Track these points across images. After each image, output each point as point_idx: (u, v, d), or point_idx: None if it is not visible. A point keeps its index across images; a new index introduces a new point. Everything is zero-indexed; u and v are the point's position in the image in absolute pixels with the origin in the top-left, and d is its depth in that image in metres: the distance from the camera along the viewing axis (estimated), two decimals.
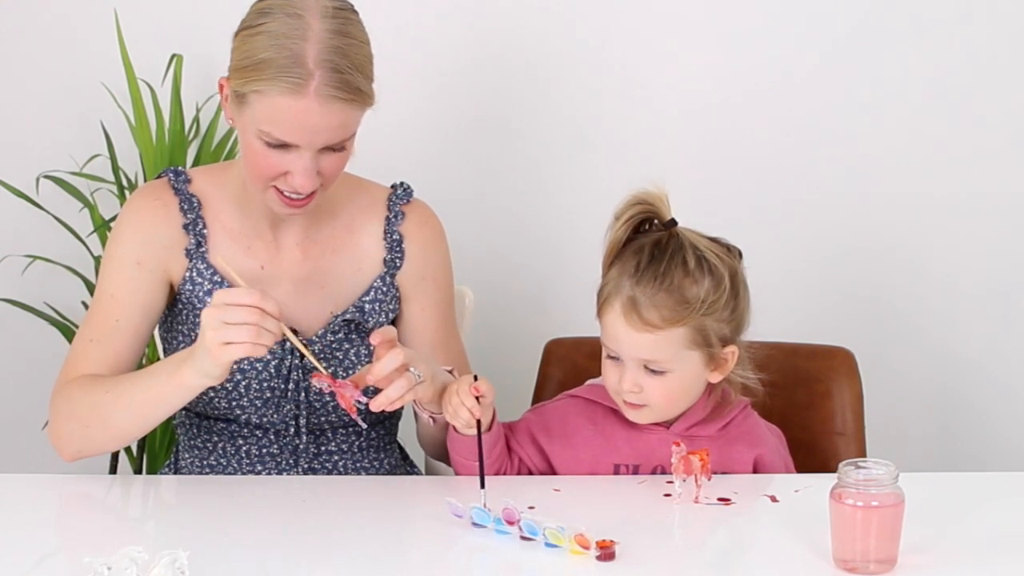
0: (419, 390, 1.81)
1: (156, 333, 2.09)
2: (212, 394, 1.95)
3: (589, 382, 2.04)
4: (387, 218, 2.02)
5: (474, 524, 1.69)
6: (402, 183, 2.06)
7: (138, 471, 2.63)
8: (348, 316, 1.97)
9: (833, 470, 1.63)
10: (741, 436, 1.96)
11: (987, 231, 2.74)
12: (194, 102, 2.66)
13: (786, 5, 2.68)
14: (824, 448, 2.15)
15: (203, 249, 1.96)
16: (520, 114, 2.72)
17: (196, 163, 2.62)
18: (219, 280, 1.95)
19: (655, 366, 1.85)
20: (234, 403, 1.96)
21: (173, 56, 2.60)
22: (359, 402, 1.78)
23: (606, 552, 1.61)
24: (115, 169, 2.62)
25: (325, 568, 1.61)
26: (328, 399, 1.96)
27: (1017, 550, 1.67)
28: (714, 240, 1.91)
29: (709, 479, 1.83)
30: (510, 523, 1.66)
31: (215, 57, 2.69)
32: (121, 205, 2.59)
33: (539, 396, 2.24)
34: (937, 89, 2.70)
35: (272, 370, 1.94)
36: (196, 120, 2.66)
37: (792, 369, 2.19)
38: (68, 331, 2.64)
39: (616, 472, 1.93)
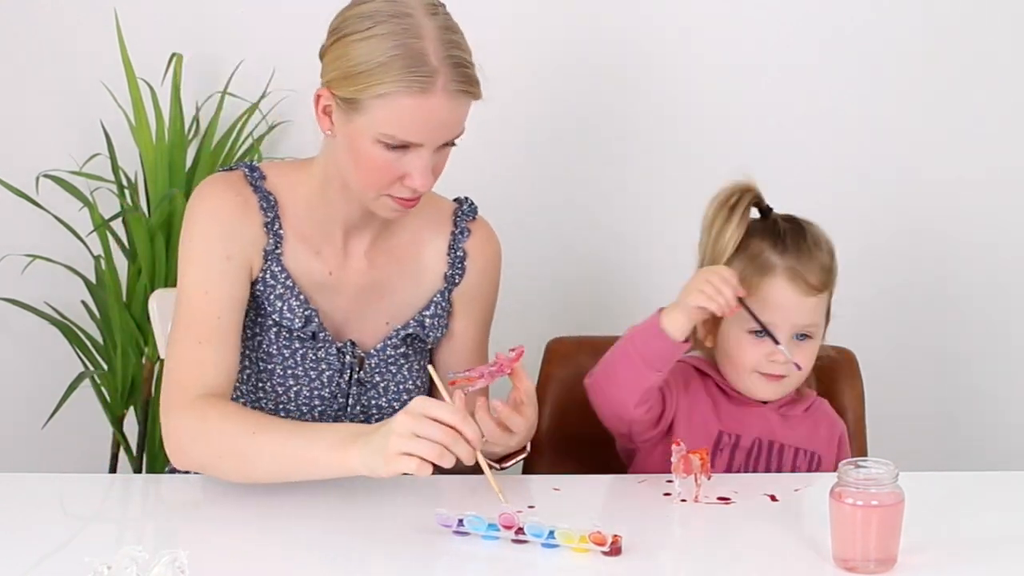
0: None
1: (155, 328, 2.09)
2: (261, 395, 1.93)
3: (685, 359, 2.03)
4: (453, 233, 2.00)
5: (456, 533, 1.67)
6: (467, 199, 2.04)
7: (138, 471, 2.63)
8: (410, 331, 1.95)
9: (833, 469, 1.63)
10: (822, 418, 2.07)
11: (987, 230, 2.75)
12: (194, 101, 2.66)
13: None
14: None
15: (279, 251, 1.91)
16: (521, 113, 2.72)
17: (196, 163, 2.62)
18: (291, 284, 1.90)
19: (809, 331, 1.98)
20: (281, 407, 1.93)
21: (173, 55, 2.60)
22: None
23: (615, 547, 1.62)
24: (115, 168, 2.62)
25: (323, 568, 1.61)
26: (376, 413, 1.95)
27: (1017, 550, 1.67)
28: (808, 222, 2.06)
29: (709, 478, 1.83)
30: (507, 527, 1.65)
31: (215, 56, 2.70)
32: (121, 205, 2.59)
33: (540, 396, 2.23)
34: (936, 89, 2.70)
35: (325, 379, 1.92)
36: (196, 119, 2.66)
37: None
38: (68, 330, 2.64)
39: (718, 441, 1.99)
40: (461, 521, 1.67)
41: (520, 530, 1.65)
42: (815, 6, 2.70)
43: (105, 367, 2.64)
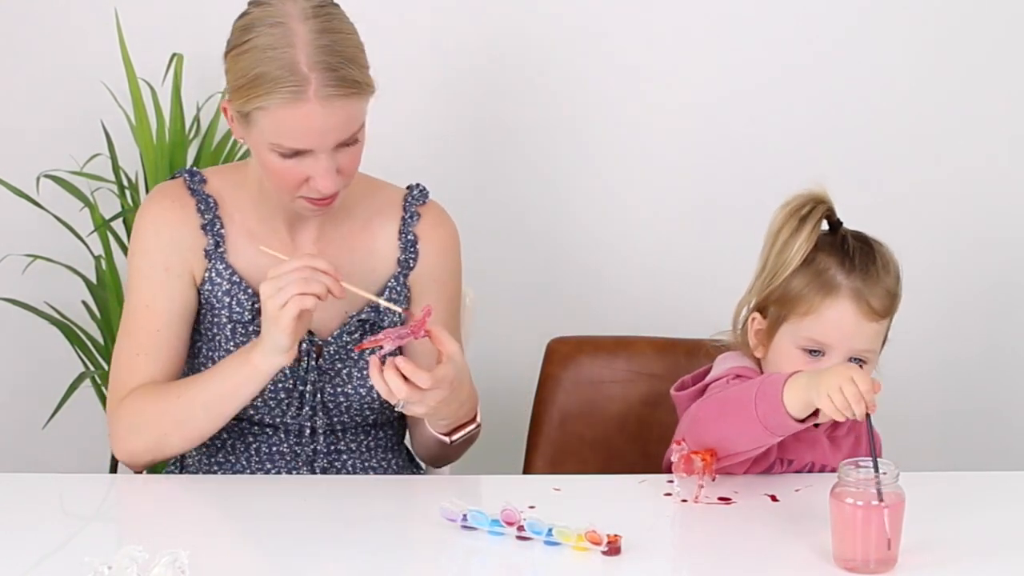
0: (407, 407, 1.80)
1: None
2: None
3: (723, 371, 1.96)
4: (403, 218, 2.02)
5: (463, 527, 1.69)
6: (418, 184, 2.06)
7: (138, 471, 2.63)
8: (363, 316, 1.98)
9: (833, 470, 1.63)
10: (863, 437, 1.94)
11: (988, 230, 2.74)
12: (194, 101, 2.66)
13: (777, 4, 2.68)
14: None
15: (221, 249, 1.96)
16: (523, 114, 2.72)
17: (197, 162, 2.62)
18: (238, 280, 1.95)
19: (865, 356, 1.90)
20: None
21: (173, 55, 2.59)
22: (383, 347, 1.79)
23: (613, 547, 1.61)
24: (115, 168, 2.62)
25: (325, 568, 1.61)
26: (343, 400, 1.97)
27: (1018, 549, 1.67)
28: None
29: (713, 479, 1.83)
30: (509, 524, 1.66)
31: (215, 56, 2.68)
32: (122, 205, 2.60)
33: (541, 396, 2.24)
34: (935, 89, 2.70)
35: (287, 371, 1.94)
36: (196, 119, 2.66)
37: None
38: (68, 331, 2.64)
39: (770, 468, 1.90)
40: (465, 516, 1.68)
41: (522, 527, 1.65)
42: (816, 6, 2.70)
43: (106, 367, 2.64)
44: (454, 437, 1.92)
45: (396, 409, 1.80)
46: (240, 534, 1.71)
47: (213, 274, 1.95)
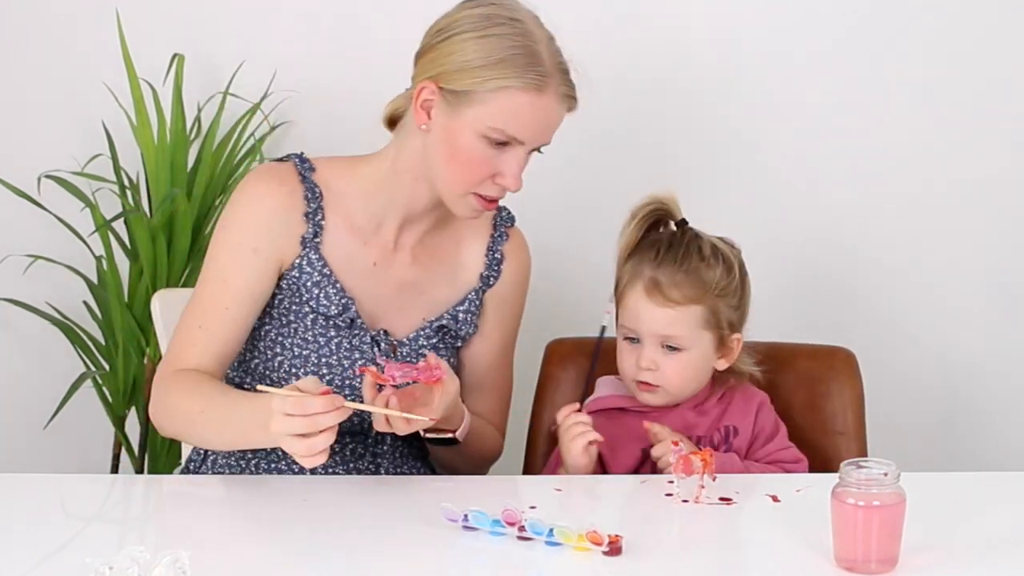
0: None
1: (157, 329, 2.09)
2: (294, 382, 1.94)
3: (589, 400, 2.08)
4: (492, 236, 2.07)
5: (465, 528, 1.69)
6: (505, 207, 2.09)
7: (140, 471, 2.63)
8: (443, 322, 2.00)
9: (834, 470, 1.63)
10: (737, 394, 2.10)
11: (988, 230, 2.74)
12: (195, 102, 2.66)
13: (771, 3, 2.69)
14: (825, 448, 2.16)
15: (318, 240, 1.96)
16: None
17: (198, 163, 2.62)
18: (328, 273, 1.95)
19: (673, 342, 2.01)
20: None
21: (174, 56, 2.60)
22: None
23: (614, 547, 1.62)
24: (116, 169, 2.63)
25: (326, 568, 1.61)
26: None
27: (1018, 550, 1.67)
28: (720, 238, 2.09)
29: (714, 479, 1.83)
30: (510, 524, 1.66)
31: (216, 57, 2.70)
32: (123, 205, 2.60)
33: (541, 396, 2.24)
34: (937, 88, 2.70)
35: (359, 367, 1.95)
36: (197, 120, 2.66)
37: (793, 369, 2.20)
38: (69, 331, 2.64)
39: (642, 455, 2.01)
40: (466, 516, 1.68)
41: (523, 527, 1.65)
42: (827, 3, 2.70)
43: (107, 367, 2.64)
44: (429, 435, 1.94)
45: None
46: (241, 534, 1.71)
47: (304, 263, 1.95)
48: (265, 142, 2.66)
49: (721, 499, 1.81)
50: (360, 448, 2.00)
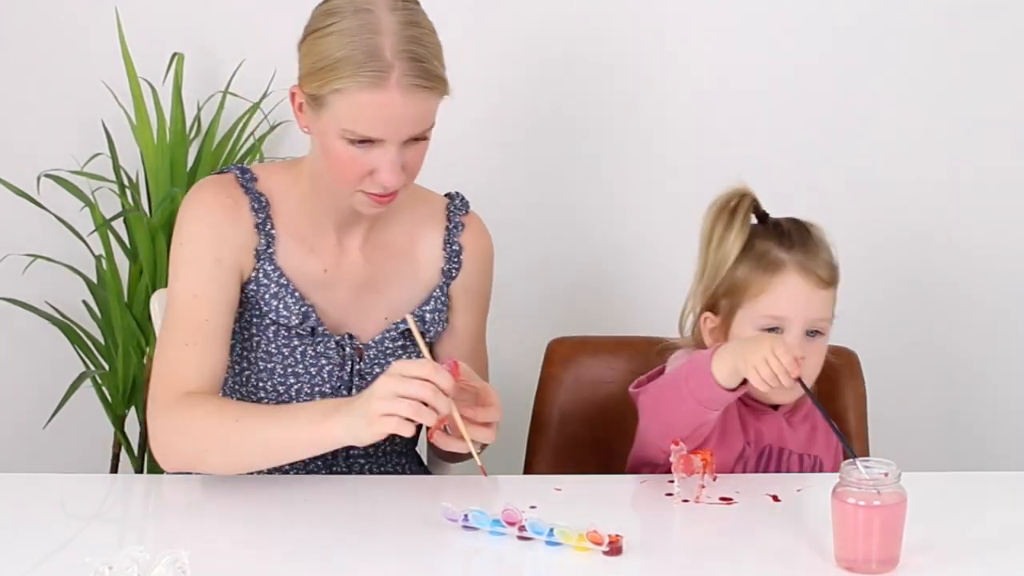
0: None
1: (156, 328, 2.09)
2: (263, 395, 1.95)
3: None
4: (447, 228, 2.02)
5: (465, 527, 1.69)
6: (458, 194, 2.05)
7: (139, 471, 2.63)
8: (408, 325, 1.94)
9: (835, 470, 1.63)
10: (820, 423, 2.03)
11: (988, 229, 2.75)
12: (195, 101, 2.66)
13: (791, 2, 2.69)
14: None
15: (271, 251, 1.93)
16: (524, 114, 2.72)
17: (197, 162, 2.62)
18: (285, 283, 1.92)
19: (820, 326, 1.97)
20: (282, 404, 1.94)
21: (174, 55, 2.60)
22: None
23: (614, 547, 1.61)
24: (116, 168, 2.62)
25: (326, 568, 1.61)
26: None
27: (1019, 549, 1.67)
28: None
29: (715, 479, 1.83)
30: (510, 524, 1.66)
31: (216, 56, 2.70)
32: (122, 204, 2.60)
33: (541, 396, 2.24)
34: (942, 89, 2.70)
35: (326, 374, 1.94)
36: (197, 119, 2.66)
37: None
38: (69, 330, 2.64)
39: (742, 453, 1.97)
40: (466, 516, 1.68)
41: (523, 527, 1.65)
42: (812, 8, 2.70)
43: (106, 367, 2.64)
44: (461, 457, 1.93)
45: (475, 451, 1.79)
46: (241, 534, 1.71)
47: (261, 275, 1.92)
48: (265, 141, 2.66)
49: (721, 499, 1.81)
50: (341, 451, 1.98)
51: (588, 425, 2.23)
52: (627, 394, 2.15)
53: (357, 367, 1.95)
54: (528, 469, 2.22)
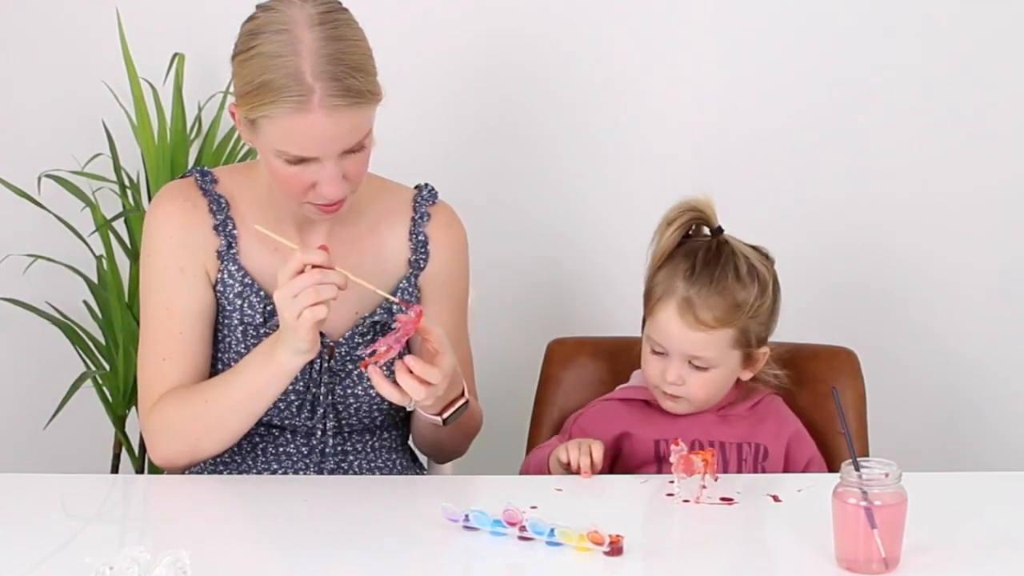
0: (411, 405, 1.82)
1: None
2: None
3: (620, 387, 2.12)
4: (413, 219, 2.02)
5: (466, 527, 1.69)
6: (427, 184, 2.06)
7: (140, 471, 2.63)
8: (376, 318, 1.97)
9: (836, 470, 1.63)
10: (771, 415, 2.08)
11: (989, 229, 2.74)
12: (196, 101, 2.66)
13: (787, 6, 2.68)
14: (827, 448, 2.15)
15: (234, 251, 1.95)
16: (525, 115, 2.72)
17: (198, 162, 2.62)
18: (250, 282, 1.94)
19: (700, 363, 1.99)
20: None
21: (175, 55, 2.59)
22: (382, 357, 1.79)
23: (615, 547, 1.61)
24: (117, 168, 2.62)
25: (327, 568, 1.61)
26: (352, 401, 1.96)
27: (1018, 549, 1.67)
28: (755, 248, 2.05)
29: (716, 479, 1.83)
30: (511, 524, 1.66)
31: (217, 56, 2.68)
32: (123, 205, 2.59)
33: (541, 396, 2.24)
34: (938, 86, 2.70)
35: (306, 378, 1.94)
36: (198, 119, 2.66)
37: (795, 369, 2.19)
38: (69, 330, 2.64)
39: (656, 448, 2.01)
40: (467, 516, 1.68)
41: (524, 527, 1.65)
42: (798, 10, 2.70)
43: (107, 367, 2.64)
44: (446, 415, 1.88)
45: (408, 409, 1.79)
46: (241, 534, 1.71)
47: (225, 275, 1.94)
48: None
49: (722, 499, 1.81)
50: (328, 449, 1.99)
51: None
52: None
53: (327, 365, 1.95)
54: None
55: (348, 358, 1.96)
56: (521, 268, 2.77)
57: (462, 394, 1.90)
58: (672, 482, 1.82)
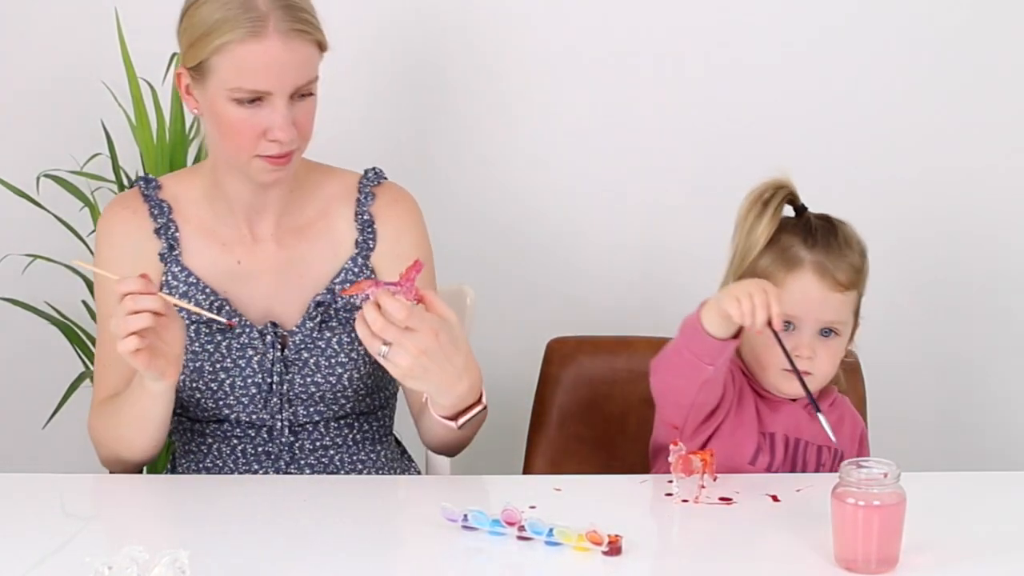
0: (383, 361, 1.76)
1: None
2: (199, 396, 1.96)
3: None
4: (358, 200, 2.03)
5: (464, 527, 1.69)
6: (374, 168, 2.07)
7: (139, 471, 2.63)
8: (319, 298, 1.97)
9: (835, 470, 1.63)
10: (846, 415, 2.07)
11: (989, 229, 2.74)
12: None
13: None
14: None
15: (176, 252, 1.98)
16: (524, 114, 2.72)
17: (197, 162, 2.61)
18: (195, 281, 1.97)
19: (835, 326, 1.97)
20: (220, 402, 1.96)
21: (174, 55, 2.58)
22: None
23: (614, 547, 1.61)
24: (116, 168, 2.62)
25: (325, 568, 1.61)
26: (314, 390, 1.96)
27: (1019, 549, 1.67)
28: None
29: (715, 480, 1.83)
30: (510, 524, 1.66)
31: None
32: None
33: (541, 396, 2.24)
34: (931, 82, 2.70)
35: (255, 365, 1.95)
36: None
37: None
38: (69, 330, 2.63)
39: (758, 442, 1.98)
40: (466, 516, 1.68)
41: (522, 527, 1.65)
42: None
43: None
44: (460, 421, 1.87)
45: (380, 358, 1.74)
46: (240, 534, 1.71)
47: (169, 278, 1.97)
48: None
49: (721, 499, 1.81)
50: (308, 444, 1.99)
51: (588, 425, 2.23)
52: (627, 394, 2.17)
53: (280, 355, 1.95)
54: (528, 469, 2.22)
55: (303, 346, 1.96)
56: (521, 268, 2.77)
57: (479, 400, 1.88)
58: (671, 482, 1.82)
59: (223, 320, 1.90)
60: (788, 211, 2.04)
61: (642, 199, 2.75)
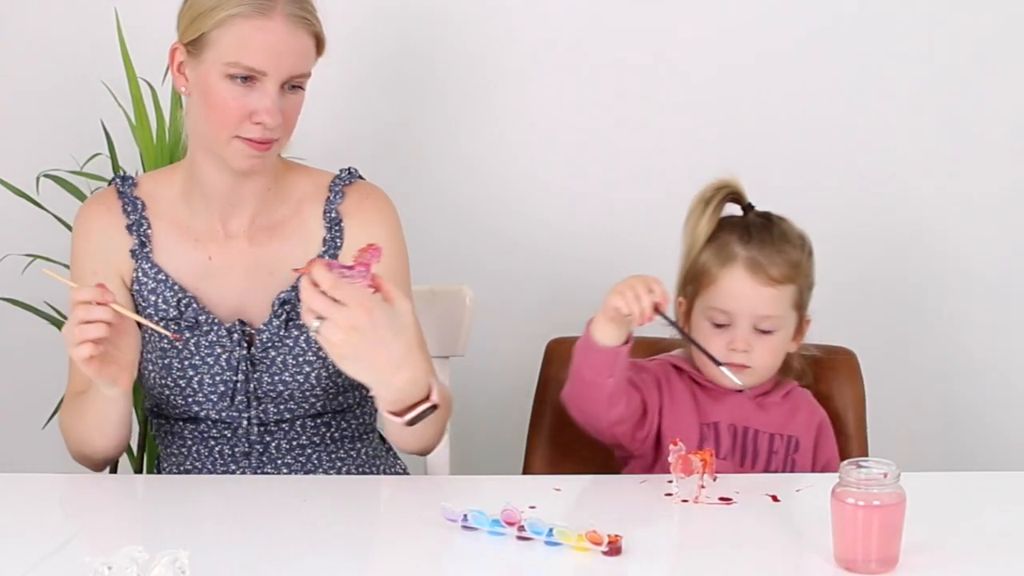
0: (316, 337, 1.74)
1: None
2: (168, 392, 1.97)
3: (662, 356, 2.14)
4: (328, 198, 2.03)
5: (464, 527, 1.69)
6: (349, 168, 2.07)
7: (139, 471, 2.63)
8: (284, 296, 1.97)
9: (835, 469, 1.63)
10: (802, 405, 2.11)
11: (989, 229, 2.74)
12: None
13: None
14: None
15: (147, 249, 1.99)
16: (523, 114, 2.72)
17: None
18: (163, 278, 1.97)
19: (768, 324, 2.02)
20: (190, 399, 1.97)
21: None
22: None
23: (614, 547, 1.61)
24: (115, 168, 2.62)
25: (324, 568, 1.61)
26: (283, 388, 1.96)
27: (1018, 549, 1.67)
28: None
29: (715, 479, 1.83)
30: (510, 524, 1.66)
31: None
32: None
33: (541, 396, 2.24)
34: (941, 85, 2.70)
35: (223, 363, 1.96)
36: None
37: (794, 369, 2.19)
38: None
39: (700, 432, 2.04)
40: (466, 516, 1.68)
41: (522, 527, 1.65)
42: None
43: None
44: (406, 417, 1.81)
45: (314, 334, 1.72)
46: (240, 534, 1.71)
47: (140, 274, 1.98)
48: None
49: (721, 499, 1.81)
50: (284, 443, 1.99)
51: None
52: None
53: (245, 353, 1.96)
54: (527, 469, 2.22)
55: (271, 344, 1.96)
56: (521, 268, 2.77)
57: (427, 397, 1.82)
58: (671, 482, 1.82)
59: (168, 334, 1.90)
60: (736, 210, 2.11)
61: (645, 200, 2.75)
